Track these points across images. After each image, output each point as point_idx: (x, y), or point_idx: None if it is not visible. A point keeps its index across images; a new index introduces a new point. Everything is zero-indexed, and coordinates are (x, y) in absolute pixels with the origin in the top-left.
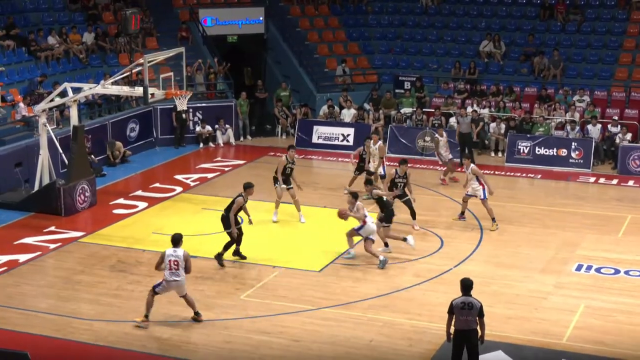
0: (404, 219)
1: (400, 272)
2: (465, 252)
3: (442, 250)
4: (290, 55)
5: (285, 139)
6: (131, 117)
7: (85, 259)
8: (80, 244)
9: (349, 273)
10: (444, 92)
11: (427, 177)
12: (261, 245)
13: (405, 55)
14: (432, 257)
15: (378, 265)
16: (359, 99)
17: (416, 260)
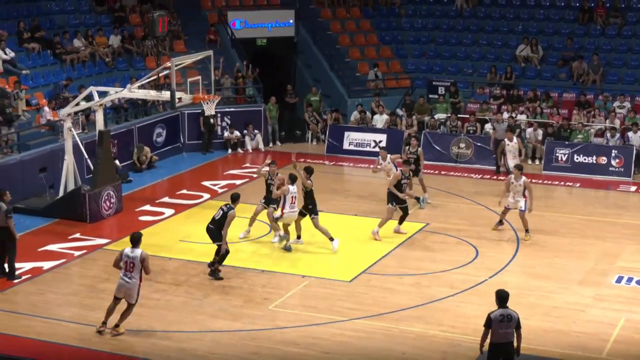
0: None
1: (434, 283)
2: (500, 262)
3: (477, 261)
4: (321, 58)
5: (316, 144)
6: (158, 122)
7: (110, 267)
8: (106, 252)
9: (380, 283)
10: (479, 98)
11: (462, 185)
12: (290, 254)
13: (439, 59)
14: (466, 268)
15: (273, 239)
16: (391, 104)
17: (450, 270)
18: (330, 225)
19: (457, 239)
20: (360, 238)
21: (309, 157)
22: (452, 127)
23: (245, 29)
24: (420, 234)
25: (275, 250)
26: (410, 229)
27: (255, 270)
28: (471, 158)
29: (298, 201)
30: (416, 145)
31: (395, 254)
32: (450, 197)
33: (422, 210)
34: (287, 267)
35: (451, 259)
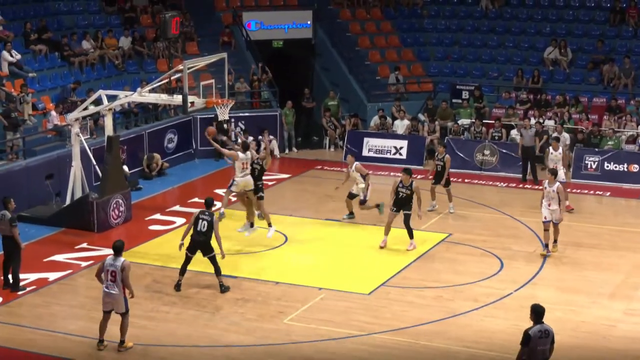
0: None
1: (456, 296)
2: (527, 275)
3: (501, 273)
4: (340, 61)
5: (334, 151)
6: (169, 127)
7: None
8: None
9: (400, 296)
10: (505, 103)
11: (486, 194)
12: (306, 265)
13: (463, 62)
14: (490, 280)
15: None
16: (413, 109)
17: (474, 283)
18: (348, 235)
19: (481, 250)
20: (379, 249)
21: (326, 164)
22: (477, 133)
23: (261, 31)
24: (443, 245)
25: (291, 261)
26: (432, 240)
27: (269, 282)
28: (496, 166)
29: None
30: (443, 152)
31: (416, 265)
32: (474, 207)
33: (445, 221)
34: (303, 279)
35: (475, 271)
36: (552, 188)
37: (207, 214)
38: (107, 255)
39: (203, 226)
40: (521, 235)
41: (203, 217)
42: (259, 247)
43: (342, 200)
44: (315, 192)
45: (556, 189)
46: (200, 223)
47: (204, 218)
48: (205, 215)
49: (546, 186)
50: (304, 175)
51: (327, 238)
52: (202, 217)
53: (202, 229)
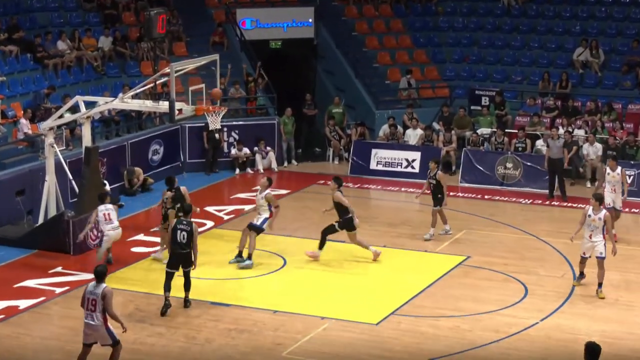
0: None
1: (475, 326)
2: (554, 302)
3: (526, 300)
4: (345, 64)
5: (338, 164)
6: (154, 137)
7: None
8: None
9: (413, 326)
10: (530, 110)
11: (509, 212)
12: (307, 291)
13: (483, 64)
14: (514, 308)
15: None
16: (426, 117)
17: (495, 312)
18: (354, 258)
19: (503, 275)
20: (390, 273)
21: (329, 179)
22: (498, 143)
23: (257, 30)
24: (460, 269)
25: (290, 286)
26: (449, 263)
27: (266, 311)
28: (520, 180)
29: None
30: (435, 169)
31: (431, 292)
32: (494, 226)
33: (462, 242)
34: (304, 307)
35: (496, 298)
36: (597, 216)
37: (185, 223)
38: (86, 281)
39: (182, 237)
40: (548, 258)
41: (181, 227)
42: (254, 271)
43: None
44: (318, 210)
45: (603, 217)
46: (179, 234)
47: (182, 228)
48: (183, 225)
49: (590, 213)
50: (305, 191)
51: (331, 261)
52: (180, 228)
53: (181, 240)
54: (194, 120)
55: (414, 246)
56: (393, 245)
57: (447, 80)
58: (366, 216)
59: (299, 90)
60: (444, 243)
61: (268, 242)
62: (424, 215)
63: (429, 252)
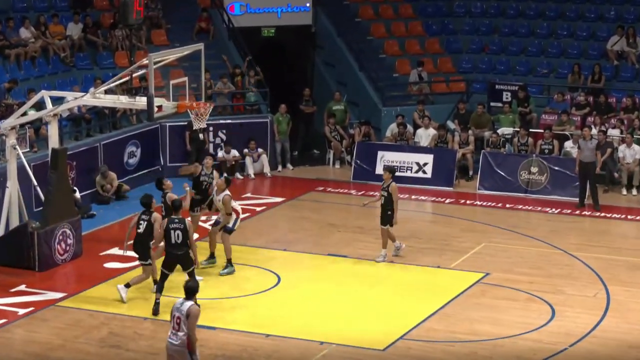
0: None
1: (495, 352)
2: (585, 325)
3: (553, 323)
4: (347, 54)
5: (339, 168)
6: (130, 138)
7: (65, 330)
8: (60, 309)
9: (425, 353)
10: (558, 106)
11: (533, 222)
12: (304, 312)
13: (505, 55)
14: (539, 333)
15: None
16: (440, 115)
17: (518, 336)
18: (358, 275)
19: (526, 294)
20: (398, 292)
21: (329, 185)
22: (521, 145)
23: (247, 15)
24: (478, 287)
25: (285, 307)
26: (465, 281)
27: (257, 335)
28: (546, 187)
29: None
30: (390, 179)
31: (445, 313)
32: (517, 239)
33: (480, 256)
34: (300, 331)
35: (519, 321)
36: None
37: (177, 221)
38: (53, 301)
39: (177, 237)
40: (577, 275)
41: (174, 227)
42: (244, 290)
43: (350, 230)
44: (316, 221)
45: None
46: (173, 234)
47: (175, 227)
48: (175, 224)
49: None
50: (302, 198)
51: (331, 278)
52: (173, 227)
53: (176, 240)
54: (175, 118)
55: (426, 261)
56: (402, 260)
57: (464, 73)
58: (370, 228)
59: (294, 84)
60: (460, 258)
61: (259, 256)
62: (436, 227)
63: (442, 269)
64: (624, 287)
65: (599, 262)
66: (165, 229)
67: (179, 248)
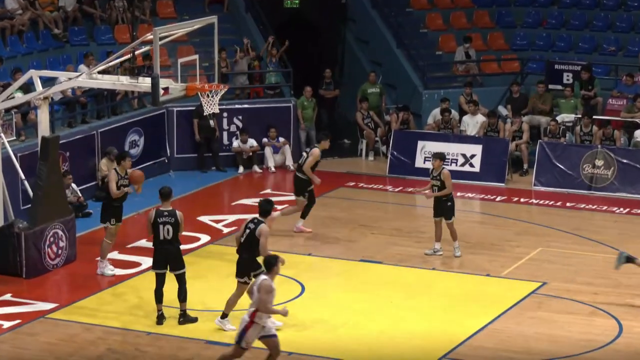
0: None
1: None
2: None
3: (619, 341)
4: (384, 29)
5: (373, 160)
6: (132, 125)
7: (57, 346)
8: (51, 322)
9: None
10: (627, 90)
11: (599, 224)
12: (332, 327)
13: (565, 30)
14: (604, 352)
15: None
16: (490, 100)
17: (579, 356)
18: (395, 284)
19: (590, 307)
20: (441, 304)
21: (362, 180)
22: (584, 134)
23: None
24: (534, 299)
25: (310, 320)
26: (519, 291)
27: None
28: (613, 182)
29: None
30: (440, 167)
31: (495, 329)
32: (580, 243)
33: (536, 263)
34: (327, 348)
35: (580, 338)
36: None
37: (167, 213)
38: (44, 312)
39: (167, 232)
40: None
41: (163, 221)
42: None
43: (386, 232)
44: (347, 221)
45: None
46: (162, 230)
47: (165, 221)
48: (165, 217)
49: None
50: (330, 195)
51: (363, 287)
52: (162, 221)
53: (166, 235)
54: (184, 102)
55: (474, 269)
56: (446, 267)
57: (518, 51)
58: (409, 230)
59: (322, 64)
60: (513, 264)
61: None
62: (486, 229)
63: (493, 277)
64: None
65: None
66: (153, 223)
67: (168, 244)
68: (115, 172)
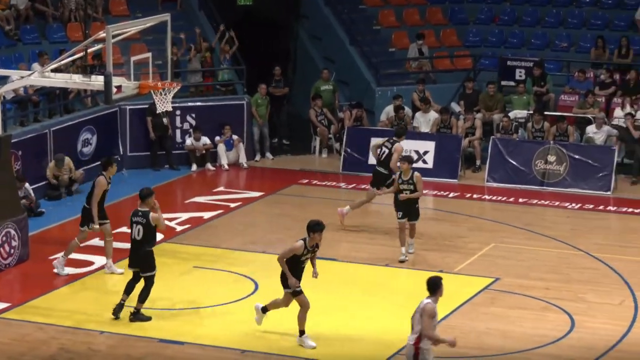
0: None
1: None
2: (609, 338)
3: (572, 336)
4: (337, 26)
5: (327, 157)
6: (85, 124)
7: (9, 346)
8: (3, 322)
9: None
10: (579, 86)
11: (551, 220)
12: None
13: (518, 26)
14: (556, 346)
15: None
16: (443, 96)
17: (531, 350)
18: (348, 281)
19: (542, 302)
20: (395, 301)
21: (315, 177)
22: (536, 130)
23: None
24: (487, 295)
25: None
26: (472, 287)
27: (232, 350)
28: (565, 178)
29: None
30: (409, 170)
31: (448, 325)
32: (532, 238)
33: (490, 259)
34: (282, 346)
35: (533, 333)
36: None
37: (141, 214)
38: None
39: (137, 232)
40: (601, 280)
41: (136, 220)
42: (216, 299)
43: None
44: (300, 219)
45: None
46: (134, 229)
47: (137, 221)
48: (138, 217)
49: None
50: (283, 193)
51: (317, 285)
52: (135, 220)
53: (136, 235)
54: (137, 100)
55: (426, 265)
56: (399, 264)
57: (471, 47)
58: (364, 226)
59: (276, 61)
60: (466, 260)
61: (234, 260)
62: (439, 225)
63: (446, 273)
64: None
65: (627, 264)
66: (129, 221)
67: (138, 245)
68: (104, 178)
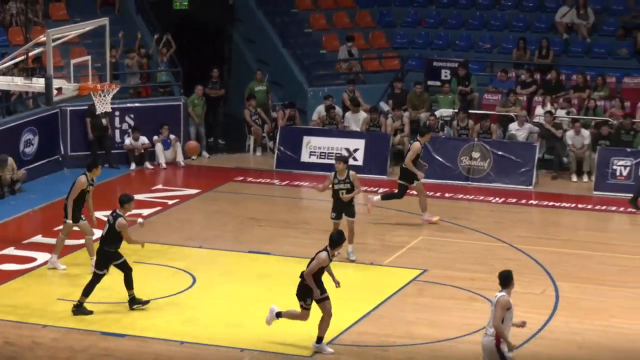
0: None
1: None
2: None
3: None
4: (269, 29)
5: (261, 155)
6: (26, 125)
7: None
8: None
9: (356, 359)
10: (501, 85)
11: (475, 213)
12: (222, 316)
13: (443, 28)
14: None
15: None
16: (372, 96)
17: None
18: (283, 274)
19: (468, 292)
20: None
21: (250, 174)
22: (461, 128)
23: None
24: (414, 286)
25: (201, 311)
26: (400, 279)
27: (170, 342)
28: (489, 174)
29: None
30: (345, 169)
31: (378, 314)
32: (457, 231)
33: (417, 251)
34: (219, 337)
35: (459, 322)
36: None
37: (114, 215)
38: None
39: (104, 229)
40: (524, 270)
41: (107, 218)
42: (155, 292)
43: (274, 224)
44: (235, 215)
45: None
46: (104, 226)
47: (108, 219)
48: (110, 216)
49: None
50: (219, 190)
51: (252, 278)
52: (107, 218)
53: (103, 232)
54: (77, 102)
55: (357, 258)
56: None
57: (398, 49)
58: (296, 221)
59: (211, 64)
60: (395, 253)
61: (172, 255)
62: (370, 220)
63: (376, 265)
64: (575, 283)
65: (548, 256)
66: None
67: (101, 242)
68: (85, 177)
